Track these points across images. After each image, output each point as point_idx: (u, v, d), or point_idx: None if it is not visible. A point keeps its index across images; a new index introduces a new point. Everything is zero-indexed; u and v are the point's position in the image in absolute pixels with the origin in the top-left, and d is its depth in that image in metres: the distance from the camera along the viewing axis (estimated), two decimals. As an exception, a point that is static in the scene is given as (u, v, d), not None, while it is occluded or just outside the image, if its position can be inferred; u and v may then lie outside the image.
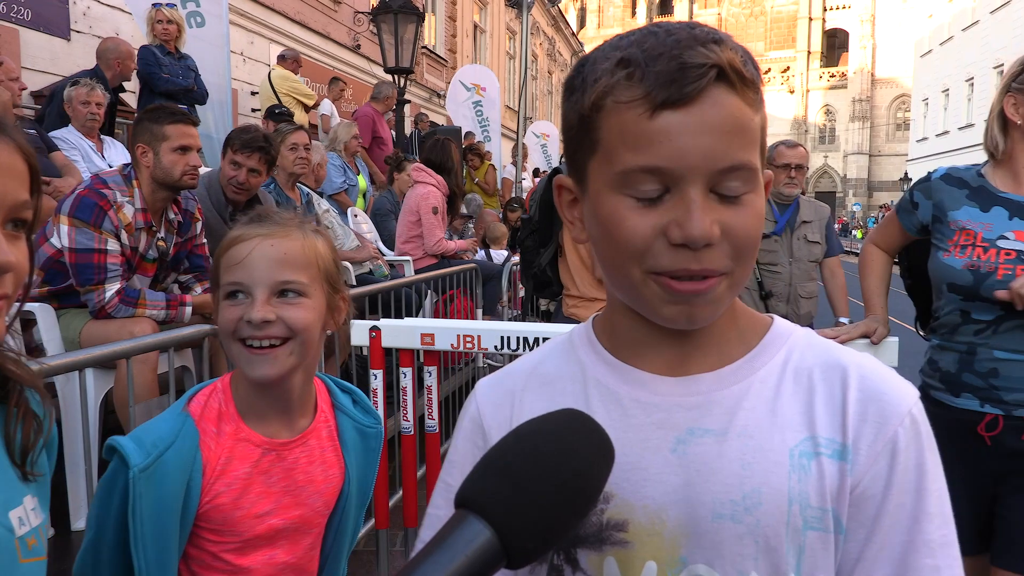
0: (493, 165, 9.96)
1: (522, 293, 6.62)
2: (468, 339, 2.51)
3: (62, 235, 2.74)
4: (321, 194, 5.38)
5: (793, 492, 0.71)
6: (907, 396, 0.74)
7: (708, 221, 0.66)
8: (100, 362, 2.27)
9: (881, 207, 52.50)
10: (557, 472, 0.58)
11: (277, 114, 6.67)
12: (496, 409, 0.83)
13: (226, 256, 1.18)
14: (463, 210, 7.70)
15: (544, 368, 0.84)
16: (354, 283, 4.67)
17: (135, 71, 5.76)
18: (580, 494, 0.59)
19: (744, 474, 0.72)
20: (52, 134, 4.63)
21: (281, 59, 8.27)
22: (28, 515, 0.88)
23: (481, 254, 6.65)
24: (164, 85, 5.75)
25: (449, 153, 5.57)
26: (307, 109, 8.18)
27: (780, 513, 0.71)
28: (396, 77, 9.17)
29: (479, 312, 5.21)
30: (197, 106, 6.08)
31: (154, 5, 5.99)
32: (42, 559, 0.89)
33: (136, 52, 5.75)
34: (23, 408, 0.91)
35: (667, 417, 0.75)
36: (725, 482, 0.72)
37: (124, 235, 2.83)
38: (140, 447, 1.11)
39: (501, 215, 8.25)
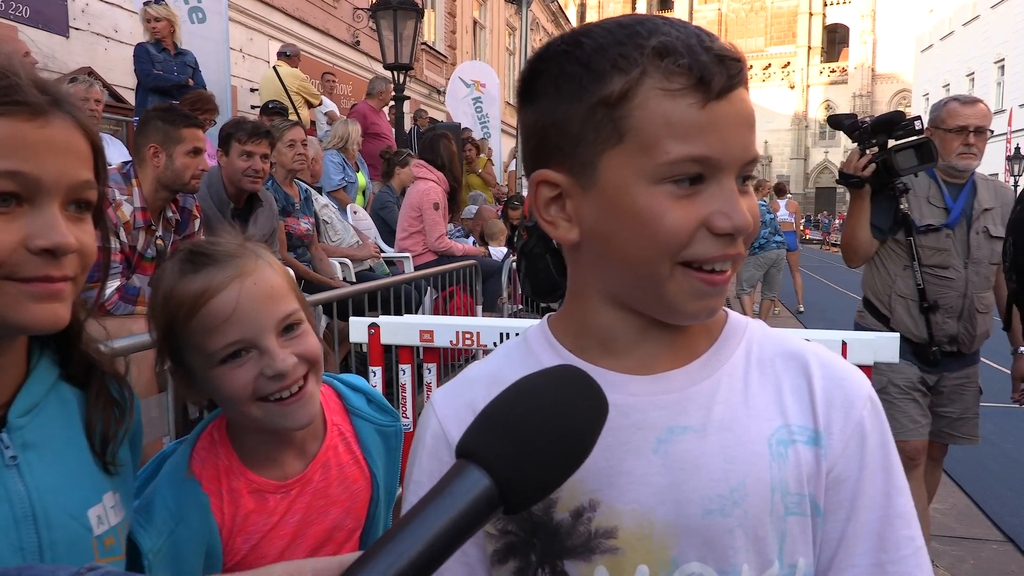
0: (491, 160, 9.94)
1: (521, 289, 6.62)
2: (467, 336, 2.51)
3: (60, 233, 2.73)
4: (319, 190, 5.37)
5: (775, 480, 0.73)
6: (864, 380, 0.78)
7: (745, 209, 0.69)
8: (99, 360, 2.27)
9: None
10: (554, 426, 0.60)
11: (271, 109, 6.64)
12: (459, 423, 0.78)
13: (200, 317, 0.99)
14: (469, 214, 7.71)
15: (506, 375, 0.79)
16: (354, 280, 4.67)
17: (35, 64, 5.56)
18: (576, 447, 0.61)
19: (729, 467, 0.72)
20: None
21: (284, 56, 8.23)
22: (108, 513, 0.86)
23: (480, 251, 6.64)
24: (153, 81, 5.69)
25: (439, 149, 5.57)
26: (310, 107, 8.17)
27: (764, 503, 0.72)
28: (395, 73, 9.15)
29: (479, 309, 5.21)
30: (196, 102, 6.06)
31: (144, 3, 5.95)
32: (120, 559, 0.87)
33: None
34: (105, 395, 0.89)
35: (644, 417, 0.74)
36: (711, 477, 0.72)
37: (123, 233, 2.83)
38: (150, 526, 0.99)
39: (501, 212, 8.23)
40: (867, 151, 2.93)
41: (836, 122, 3.08)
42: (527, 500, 0.59)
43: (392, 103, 8.90)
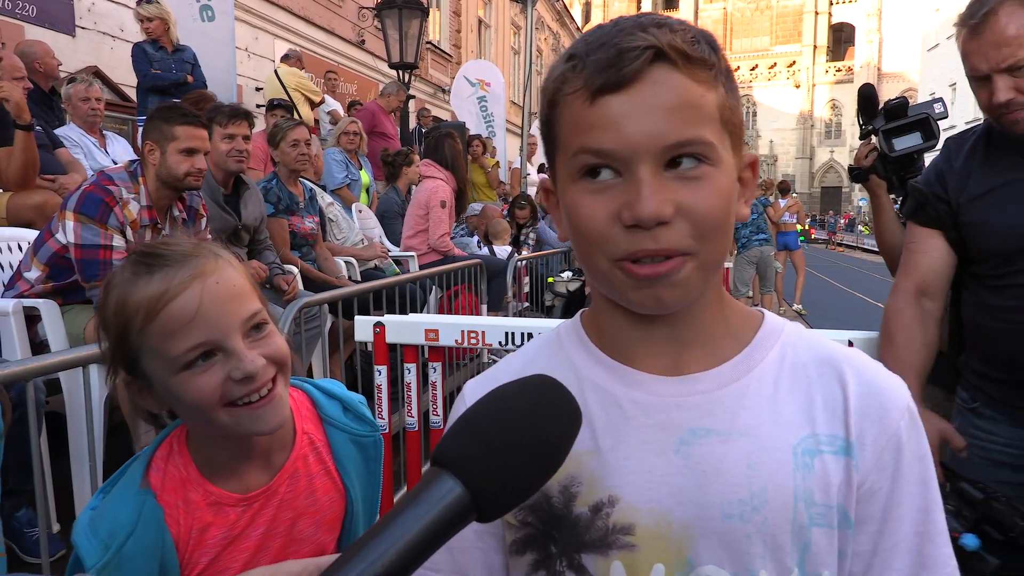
0: (498, 162, 9.90)
1: (527, 288, 6.62)
2: (472, 335, 2.50)
3: (67, 231, 2.74)
4: (323, 188, 5.38)
5: (798, 490, 0.71)
6: (903, 389, 0.76)
7: (657, 200, 0.66)
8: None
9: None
10: (528, 435, 0.60)
11: (276, 106, 6.63)
12: None
13: (159, 321, 0.93)
14: (473, 212, 7.69)
15: (534, 368, 0.82)
16: (359, 279, 4.67)
17: (59, 66, 5.45)
18: (549, 456, 0.61)
19: (751, 474, 0.71)
20: (55, 131, 4.63)
21: (286, 58, 8.33)
22: None
23: (484, 250, 6.63)
24: (151, 81, 5.67)
25: (444, 149, 5.57)
26: (313, 105, 8.18)
27: (786, 511, 0.71)
28: (400, 72, 9.15)
29: (484, 308, 5.21)
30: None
31: (136, 4, 5.93)
32: (2, 556, 0.85)
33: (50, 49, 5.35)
34: None
35: (667, 418, 0.74)
36: (733, 482, 0.71)
37: (129, 232, 2.83)
38: (96, 540, 0.95)
39: (506, 211, 8.21)
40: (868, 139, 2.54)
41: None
42: (500, 508, 0.59)
43: (397, 106, 8.88)
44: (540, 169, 13.49)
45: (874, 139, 2.52)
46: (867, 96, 2.46)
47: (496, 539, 0.82)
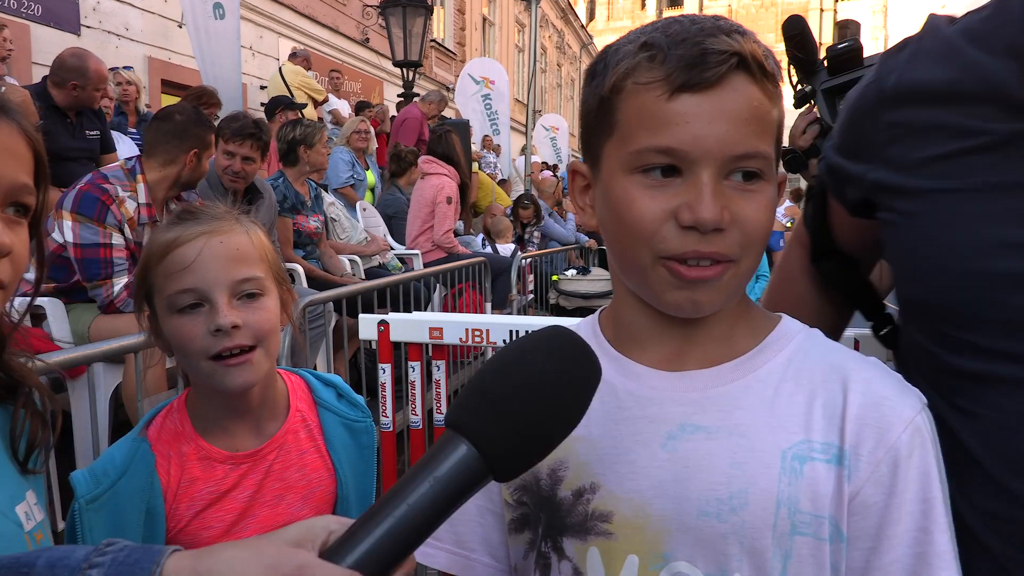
0: (481, 171, 9.64)
1: (531, 285, 6.62)
2: (476, 333, 2.49)
3: (65, 231, 2.73)
4: (326, 187, 5.37)
5: (782, 495, 0.69)
6: (911, 402, 0.72)
7: (719, 206, 0.66)
8: (109, 356, 2.27)
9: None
10: (539, 397, 0.59)
11: (279, 102, 6.58)
12: None
13: (165, 263, 1.05)
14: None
15: None
16: (363, 277, 4.67)
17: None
18: (561, 417, 0.61)
19: (733, 473, 0.70)
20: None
21: (293, 57, 8.35)
22: (32, 510, 0.87)
23: (488, 248, 6.63)
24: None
25: (453, 144, 5.56)
26: (316, 104, 8.18)
27: (767, 516, 0.69)
28: (404, 70, 9.15)
29: (488, 306, 5.20)
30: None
31: (112, 69, 5.49)
32: None
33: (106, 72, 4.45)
34: (31, 408, 0.90)
35: (660, 411, 0.74)
36: (712, 480, 0.71)
37: (127, 230, 2.83)
38: (91, 477, 1.05)
39: (510, 211, 8.20)
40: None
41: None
42: (514, 468, 0.59)
43: (436, 114, 8.82)
44: (543, 167, 13.47)
45: (815, 107, 1.58)
46: (796, 35, 1.53)
47: (496, 517, 0.83)
